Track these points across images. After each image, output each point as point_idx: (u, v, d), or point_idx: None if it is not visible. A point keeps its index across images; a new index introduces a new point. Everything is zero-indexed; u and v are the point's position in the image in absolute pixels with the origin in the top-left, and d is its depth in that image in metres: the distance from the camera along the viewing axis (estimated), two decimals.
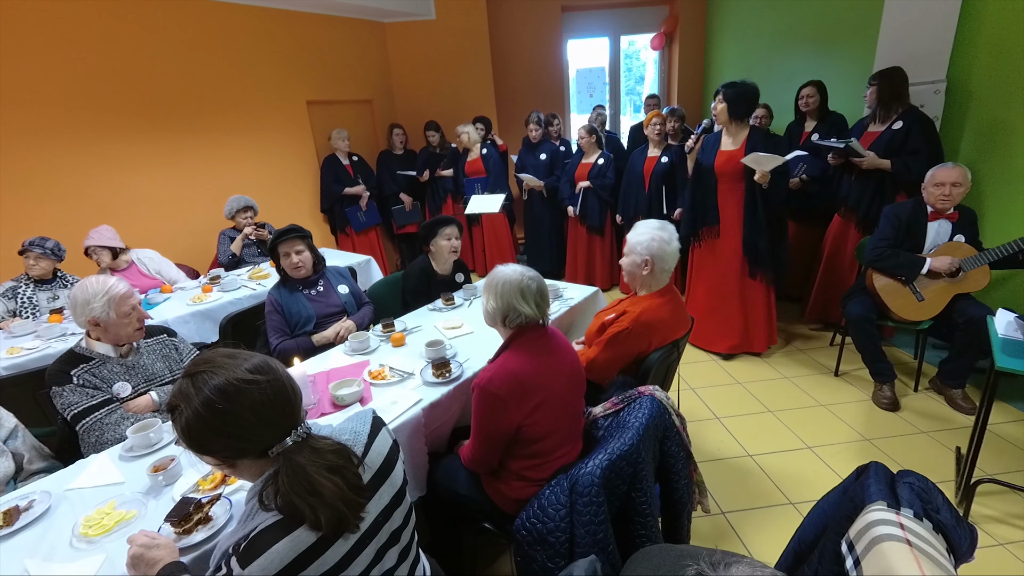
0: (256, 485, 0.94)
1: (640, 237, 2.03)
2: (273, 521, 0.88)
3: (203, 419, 0.89)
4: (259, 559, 0.84)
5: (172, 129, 3.96)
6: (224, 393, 0.89)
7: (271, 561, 0.85)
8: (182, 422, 0.90)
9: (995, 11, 2.90)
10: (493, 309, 1.63)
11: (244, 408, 0.90)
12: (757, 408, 2.90)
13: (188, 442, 0.92)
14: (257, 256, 3.87)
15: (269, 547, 0.85)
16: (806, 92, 3.76)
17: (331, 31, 5.03)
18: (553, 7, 5.92)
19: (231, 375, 0.91)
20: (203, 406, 0.89)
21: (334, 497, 0.90)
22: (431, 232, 2.76)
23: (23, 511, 1.33)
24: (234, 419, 0.89)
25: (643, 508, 1.50)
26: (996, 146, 2.96)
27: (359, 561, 0.96)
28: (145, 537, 1.11)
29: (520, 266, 1.67)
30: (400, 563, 1.09)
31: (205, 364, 0.93)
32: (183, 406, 0.90)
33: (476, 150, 5.02)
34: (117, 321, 1.82)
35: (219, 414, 0.89)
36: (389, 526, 1.04)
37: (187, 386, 0.91)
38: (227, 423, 0.89)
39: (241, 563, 0.85)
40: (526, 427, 1.53)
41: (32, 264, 2.90)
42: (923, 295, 2.70)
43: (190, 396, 0.90)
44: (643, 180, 4.27)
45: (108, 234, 3.23)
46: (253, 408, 0.90)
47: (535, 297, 1.60)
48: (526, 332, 1.60)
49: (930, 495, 1.02)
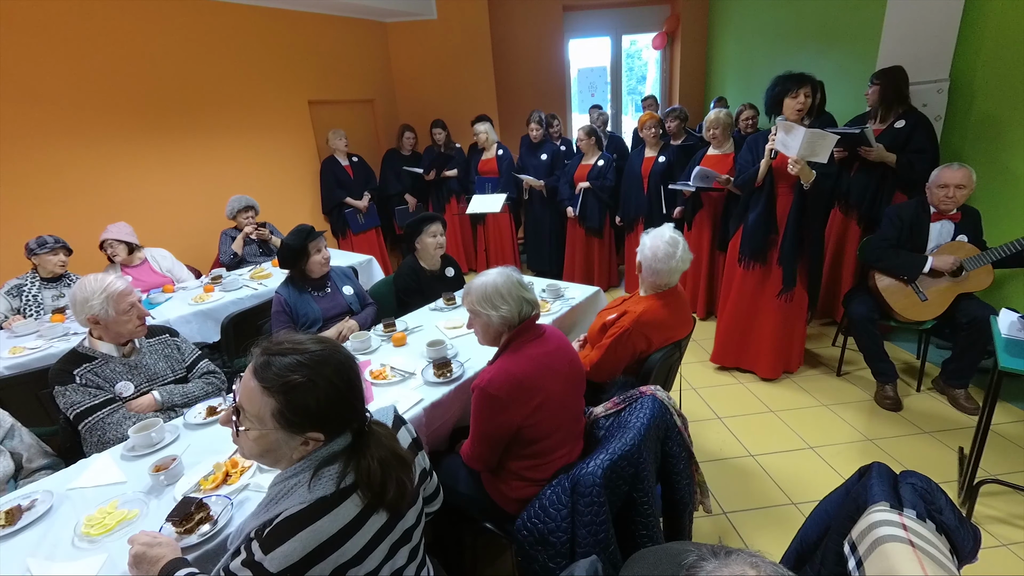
0: (303, 465, 0.95)
1: (644, 239, 2.03)
2: (299, 509, 0.90)
3: (334, 390, 0.93)
4: (282, 546, 0.86)
5: (173, 129, 3.96)
6: (343, 364, 0.96)
7: (294, 549, 0.86)
8: (309, 397, 0.91)
9: (998, 10, 2.89)
10: (480, 329, 1.63)
11: (351, 383, 0.97)
12: (759, 408, 2.90)
13: (302, 419, 0.93)
14: (258, 256, 3.88)
15: (293, 535, 0.87)
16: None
17: (333, 31, 5.03)
18: (554, 6, 5.92)
19: (339, 351, 0.98)
20: (332, 377, 0.93)
21: (402, 469, 0.98)
22: (416, 230, 2.78)
23: (25, 510, 1.33)
24: (347, 392, 0.96)
25: (645, 508, 1.50)
26: (998, 145, 2.95)
27: (374, 556, 0.98)
28: (147, 536, 1.11)
29: (484, 273, 1.63)
30: (410, 562, 1.11)
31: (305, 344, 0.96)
32: (310, 379, 0.91)
33: (492, 150, 5.02)
34: (116, 318, 1.82)
35: (345, 386, 0.95)
36: (403, 524, 1.06)
37: (304, 360, 0.93)
38: (352, 393, 0.97)
39: (264, 548, 0.86)
40: (526, 428, 1.53)
41: (52, 259, 2.90)
42: (926, 295, 2.70)
43: (317, 368, 0.92)
44: (642, 181, 4.27)
45: (126, 230, 3.28)
46: (357, 382, 0.98)
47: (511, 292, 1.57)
48: (522, 332, 1.60)
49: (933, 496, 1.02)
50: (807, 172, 2.64)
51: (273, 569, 0.86)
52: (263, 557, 0.86)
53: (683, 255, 1.98)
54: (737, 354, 3.24)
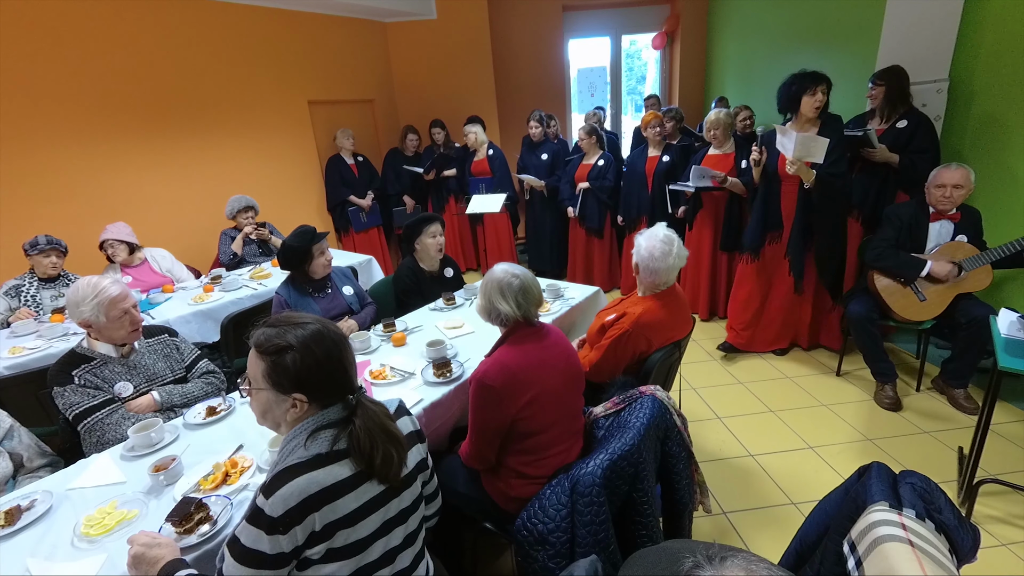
0: (300, 429, 1.07)
1: (639, 240, 2.03)
2: (297, 461, 1.01)
3: (314, 357, 1.04)
4: (281, 490, 0.96)
5: (174, 129, 3.96)
6: (327, 339, 1.07)
7: (291, 492, 0.96)
8: (289, 359, 1.03)
9: (997, 10, 2.89)
10: (479, 307, 1.69)
11: (330, 355, 1.06)
12: (759, 408, 2.90)
13: (285, 379, 1.04)
14: (258, 256, 3.88)
15: (291, 480, 0.97)
16: None
17: (333, 31, 5.03)
18: (554, 6, 5.92)
19: (328, 328, 1.09)
20: (313, 347, 1.04)
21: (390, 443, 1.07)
22: (415, 231, 2.77)
23: (25, 510, 1.33)
24: (326, 361, 1.06)
25: (644, 508, 1.50)
26: (998, 145, 2.96)
27: (366, 524, 1.06)
28: (146, 537, 1.11)
29: (512, 265, 1.67)
30: (406, 547, 1.16)
31: (299, 318, 1.09)
32: (293, 345, 1.04)
33: (483, 151, 5.03)
34: (108, 324, 1.81)
35: (324, 356, 1.05)
36: (399, 502, 1.13)
37: (292, 331, 1.05)
38: (332, 364, 1.07)
39: (265, 494, 0.97)
40: (520, 420, 1.54)
41: (44, 260, 2.91)
42: (925, 295, 2.70)
43: (301, 337, 1.04)
44: (645, 180, 4.26)
45: (126, 230, 3.28)
46: (343, 357, 1.09)
47: (516, 296, 1.59)
48: (520, 328, 1.62)
49: (932, 495, 1.02)
50: (806, 172, 2.82)
51: (273, 513, 0.95)
52: (264, 502, 0.96)
53: (679, 252, 1.99)
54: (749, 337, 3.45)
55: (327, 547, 1.01)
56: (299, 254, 2.47)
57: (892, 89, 3.08)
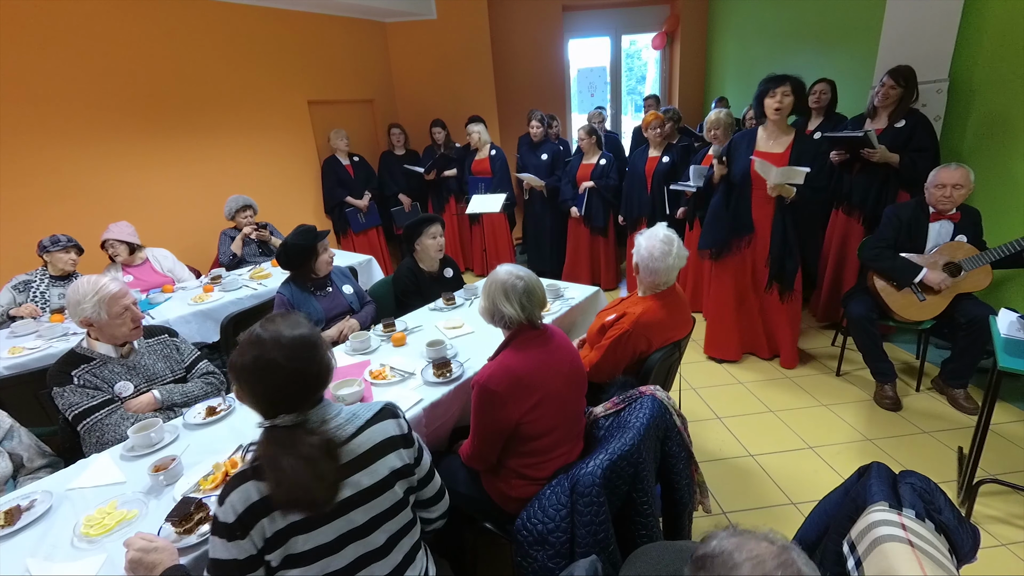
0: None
1: (639, 240, 2.03)
2: (242, 468, 1.04)
3: (244, 374, 1.04)
4: (227, 499, 0.99)
5: (174, 129, 3.96)
6: (255, 365, 1.03)
7: (237, 499, 0.99)
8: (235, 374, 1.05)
9: (998, 10, 2.89)
10: (482, 309, 1.66)
11: (263, 381, 1.04)
12: (758, 408, 2.90)
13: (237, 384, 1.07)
14: (258, 256, 3.88)
15: (236, 487, 1.00)
16: (819, 88, 3.65)
17: (332, 31, 5.03)
18: (554, 6, 5.92)
19: (268, 353, 1.03)
20: (247, 365, 1.04)
21: (292, 480, 1.00)
22: (416, 232, 2.77)
23: (24, 510, 1.33)
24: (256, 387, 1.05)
25: (644, 508, 1.50)
26: (998, 145, 2.96)
27: (327, 529, 1.05)
28: (142, 540, 1.10)
29: (516, 266, 1.66)
30: (389, 550, 1.15)
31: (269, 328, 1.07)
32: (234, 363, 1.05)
33: (485, 150, 5.03)
34: (109, 322, 1.81)
35: (249, 378, 1.04)
36: (367, 511, 1.10)
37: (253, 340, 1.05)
38: (254, 387, 1.05)
39: (219, 501, 1.00)
40: (524, 424, 1.53)
41: (64, 256, 2.92)
42: (924, 295, 2.70)
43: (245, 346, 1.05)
44: (645, 181, 4.26)
45: (128, 230, 3.28)
46: (268, 385, 1.04)
47: (520, 298, 1.57)
48: (524, 331, 1.60)
49: (932, 495, 1.02)
50: (787, 191, 2.85)
51: (227, 520, 0.98)
52: (218, 510, 1.00)
53: (678, 252, 1.99)
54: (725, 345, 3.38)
55: (284, 553, 1.02)
56: (304, 252, 2.48)
57: (910, 92, 3.07)
